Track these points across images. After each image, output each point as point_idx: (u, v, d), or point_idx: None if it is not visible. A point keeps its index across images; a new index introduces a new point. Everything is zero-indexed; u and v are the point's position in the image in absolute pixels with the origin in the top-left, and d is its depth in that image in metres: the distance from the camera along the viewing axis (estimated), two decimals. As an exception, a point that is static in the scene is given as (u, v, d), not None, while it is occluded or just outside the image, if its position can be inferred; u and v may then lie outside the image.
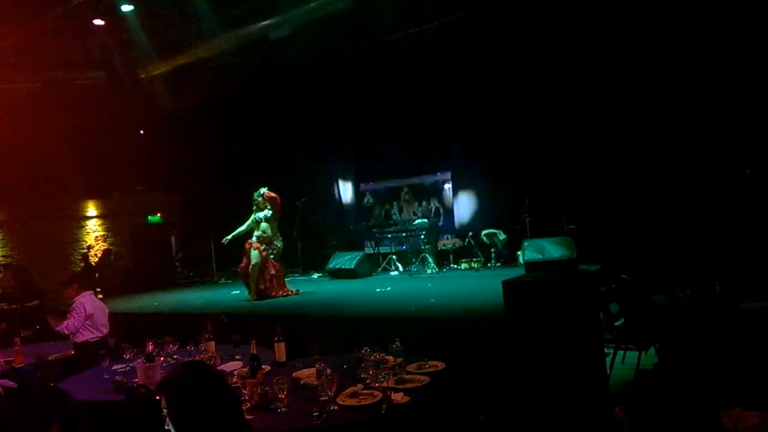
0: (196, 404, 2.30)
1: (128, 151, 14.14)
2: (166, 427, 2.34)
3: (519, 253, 9.73)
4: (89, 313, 6.45)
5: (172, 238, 15.67)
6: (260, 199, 9.36)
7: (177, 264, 15.41)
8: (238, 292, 10.35)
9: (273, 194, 9.37)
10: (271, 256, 9.37)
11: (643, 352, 6.31)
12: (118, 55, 12.52)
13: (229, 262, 13.40)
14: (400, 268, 11.68)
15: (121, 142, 13.88)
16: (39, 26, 11.37)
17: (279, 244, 9.51)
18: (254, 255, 9.24)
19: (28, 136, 12.38)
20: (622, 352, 6.39)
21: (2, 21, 10.67)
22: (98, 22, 11.25)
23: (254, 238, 9.33)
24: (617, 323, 6.40)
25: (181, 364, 2.54)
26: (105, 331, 6.64)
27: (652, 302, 6.43)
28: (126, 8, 11.14)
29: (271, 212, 9.33)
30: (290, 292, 9.52)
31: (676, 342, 6.06)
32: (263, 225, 9.33)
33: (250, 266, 9.23)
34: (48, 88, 12.74)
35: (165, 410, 2.32)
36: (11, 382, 5.31)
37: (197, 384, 2.36)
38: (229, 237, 9.57)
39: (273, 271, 9.35)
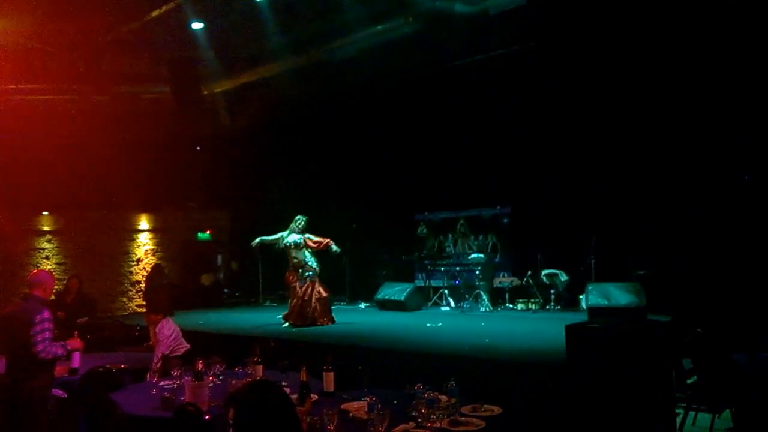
0: (263, 421, 2.43)
1: (184, 166, 14.26)
2: None
3: (581, 296, 9.31)
4: (171, 335, 6.38)
5: (219, 257, 15.69)
6: (302, 225, 9.24)
7: (220, 281, 15.40)
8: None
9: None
10: (308, 274, 9.21)
11: (717, 415, 5.85)
12: (184, 71, 12.59)
13: (275, 285, 13.27)
14: (452, 304, 11.30)
15: (178, 157, 13.98)
16: (110, 40, 11.58)
17: (314, 265, 9.32)
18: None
19: (91, 148, 12.52)
20: (693, 413, 6.00)
21: (75, 34, 10.95)
22: (197, 25, 11.20)
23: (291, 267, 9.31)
24: (689, 381, 6.02)
25: (253, 381, 2.84)
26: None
27: (730, 360, 5.94)
28: (196, 26, 11.17)
29: (302, 241, 9.20)
30: (326, 322, 9.27)
31: (754, 406, 5.62)
32: (293, 252, 9.23)
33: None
34: (114, 102, 12.92)
35: (231, 422, 2.47)
36: (61, 392, 5.32)
37: (267, 402, 2.49)
38: (257, 240, 9.52)
39: (318, 296, 9.16)
